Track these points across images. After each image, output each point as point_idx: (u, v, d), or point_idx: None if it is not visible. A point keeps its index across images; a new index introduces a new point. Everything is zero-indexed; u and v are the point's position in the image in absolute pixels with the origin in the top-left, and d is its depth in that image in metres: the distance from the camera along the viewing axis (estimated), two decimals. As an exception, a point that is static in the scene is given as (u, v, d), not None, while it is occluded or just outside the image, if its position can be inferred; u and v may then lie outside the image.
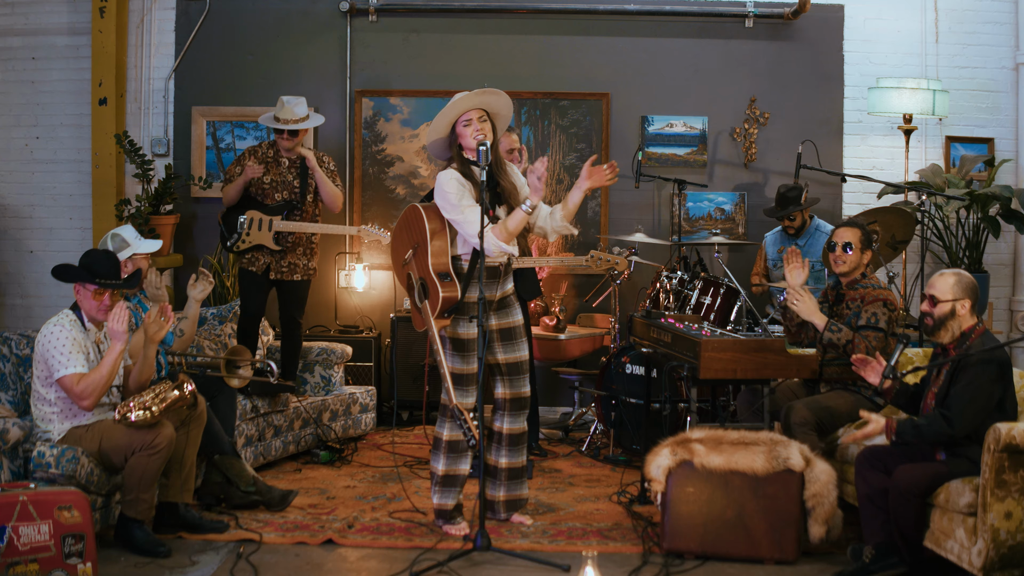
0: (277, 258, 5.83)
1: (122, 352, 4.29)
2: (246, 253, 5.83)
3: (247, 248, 5.81)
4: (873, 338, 4.70)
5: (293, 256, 5.86)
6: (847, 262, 4.90)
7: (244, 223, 5.80)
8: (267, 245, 5.78)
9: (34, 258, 7.27)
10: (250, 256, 5.84)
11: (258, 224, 5.78)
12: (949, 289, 4.07)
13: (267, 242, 5.77)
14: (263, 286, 5.88)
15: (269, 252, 5.81)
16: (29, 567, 3.74)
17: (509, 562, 4.17)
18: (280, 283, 5.88)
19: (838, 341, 4.71)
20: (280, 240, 5.79)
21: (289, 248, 5.84)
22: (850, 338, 4.69)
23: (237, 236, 5.81)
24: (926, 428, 3.93)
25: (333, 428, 6.03)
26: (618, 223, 7.07)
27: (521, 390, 4.65)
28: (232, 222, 5.84)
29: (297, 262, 5.88)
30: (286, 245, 5.82)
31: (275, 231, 5.76)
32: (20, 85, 7.22)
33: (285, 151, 5.83)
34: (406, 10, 7.14)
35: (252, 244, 5.79)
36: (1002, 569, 3.66)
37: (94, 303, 4.32)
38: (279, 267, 5.84)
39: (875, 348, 4.66)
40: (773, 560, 4.19)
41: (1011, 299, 7.22)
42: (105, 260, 4.38)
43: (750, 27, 7.10)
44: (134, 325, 4.83)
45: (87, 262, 4.35)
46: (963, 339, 4.07)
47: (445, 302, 4.38)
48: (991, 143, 7.10)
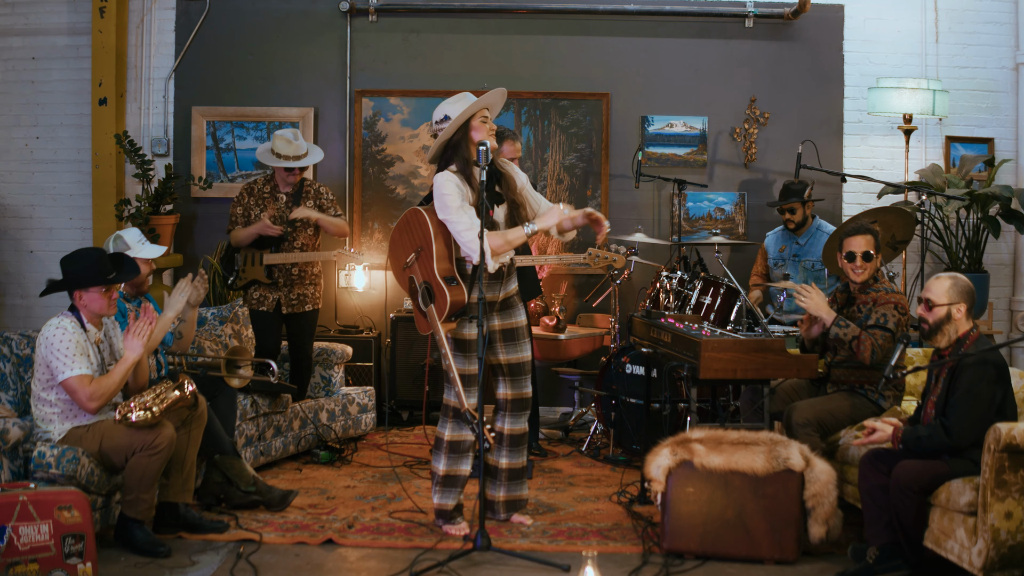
0: (285, 292, 5.86)
1: (135, 362, 4.31)
2: (252, 292, 5.88)
3: (245, 284, 5.87)
4: (880, 337, 4.68)
5: (301, 287, 5.90)
6: (867, 270, 4.83)
7: (239, 259, 5.87)
8: (260, 279, 5.82)
9: (34, 258, 7.27)
10: (259, 296, 5.87)
11: (250, 259, 5.84)
12: (944, 293, 4.06)
13: (259, 276, 5.82)
14: (275, 324, 5.92)
15: (275, 287, 5.84)
16: (29, 567, 3.74)
17: (509, 562, 4.17)
18: (291, 317, 5.93)
19: (844, 337, 4.69)
20: (272, 274, 5.82)
21: (296, 280, 5.88)
22: (856, 335, 4.67)
23: (235, 273, 5.89)
24: (927, 440, 3.93)
25: (333, 428, 6.03)
26: (618, 223, 7.06)
27: (523, 391, 4.65)
28: (230, 262, 5.93)
29: (306, 292, 5.92)
30: (291, 278, 5.86)
31: (265, 264, 5.80)
32: (20, 85, 7.22)
33: (284, 185, 5.85)
34: (406, 10, 7.14)
35: (247, 280, 5.85)
36: (1002, 569, 3.66)
37: (103, 301, 4.33)
38: (289, 300, 5.88)
39: (881, 347, 4.65)
40: (773, 560, 4.19)
41: (1011, 299, 7.22)
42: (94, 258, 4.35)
43: (750, 27, 7.10)
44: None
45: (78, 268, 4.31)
46: (958, 345, 4.06)
47: (453, 306, 4.37)
48: (991, 143, 7.11)
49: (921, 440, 3.94)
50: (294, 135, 5.80)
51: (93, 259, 4.35)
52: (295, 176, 5.82)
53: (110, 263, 4.37)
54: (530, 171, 7.05)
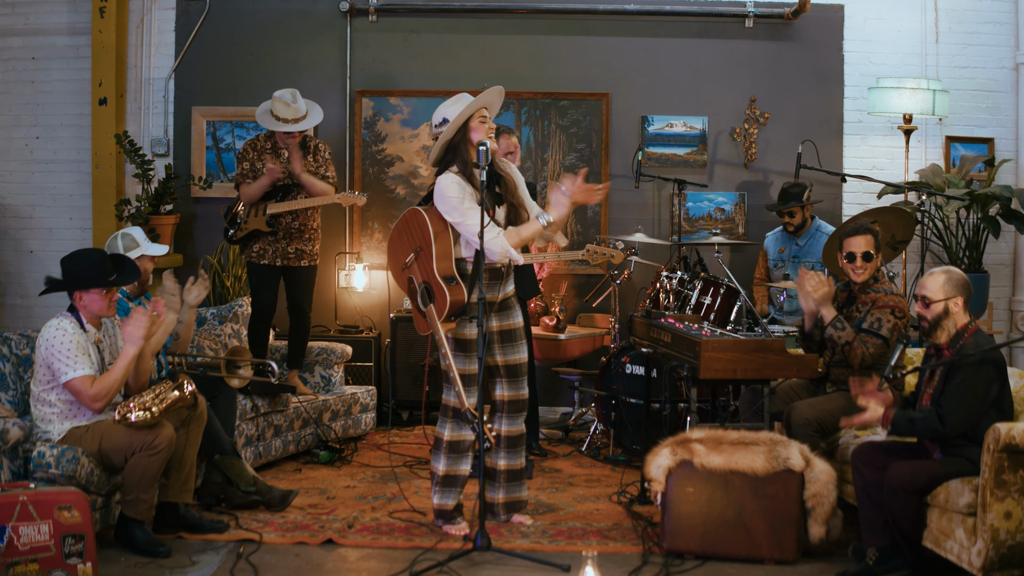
0: (283, 245, 5.85)
1: (135, 356, 4.31)
2: (252, 245, 5.86)
3: (244, 236, 5.84)
4: (871, 344, 4.68)
5: (299, 242, 5.89)
6: (867, 270, 4.83)
7: (241, 211, 5.83)
8: (261, 229, 5.80)
9: (34, 258, 7.27)
10: (258, 249, 5.86)
11: (253, 211, 5.81)
12: (940, 288, 4.05)
13: (260, 226, 5.79)
14: (273, 279, 5.91)
15: (274, 240, 5.82)
16: (29, 567, 3.74)
17: (509, 562, 4.17)
18: (288, 271, 5.91)
19: (838, 339, 4.70)
20: (274, 223, 5.80)
21: (294, 233, 5.86)
22: (849, 340, 4.68)
23: (236, 227, 5.86)
24: (920, 422, 3.93)
25: (333, 428, 6.03)
26: (618, 223, 7.07)
27: (520, 392, 4.65)
28: (235, 216, 5.89)
29: (303, 248, 5.91)
30: (289, 231, 5.84)
31: (268, 214, 5.77)
32: (20, 85, 7.22)
33: (285, 145, 5.84)
34: (406, 10, 7.14)
35: (248, 231, 5.82)
36: (1002, 569, 3.66)
37: (103, 303, 4.33)
38: (286, 254, 5.87)
39: (871, 355, 4.64)
40: (773, 560, 4.19)
41: (1011, 299, 7.22)
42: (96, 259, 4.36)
43: (750, 27, 7.10)
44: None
45: (79, 268, 4.32)
46: (956, 338, 4.06)
47: (453, 306, 4.37)
48: (991, 143, 7.10)
49: (914, 423, 3.93)
50: (293, 96, 5.77)
51: (94, 260, 4.34)
52: (294, 138, 5.81)
53: (111, 265, 4.37)
54: (530, 171, 7.05)
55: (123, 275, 4.41)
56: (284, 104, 5.74)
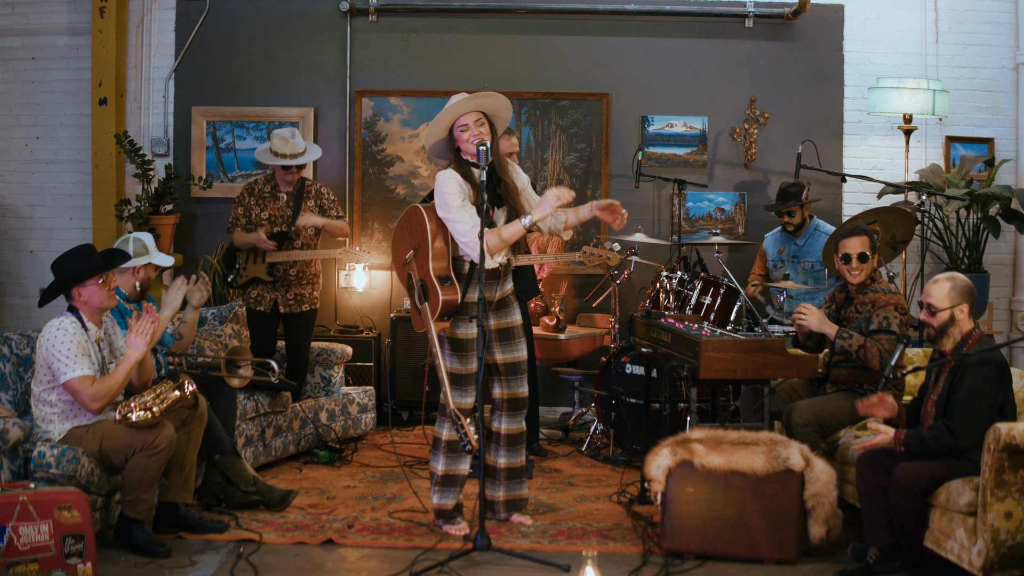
0: (283, 292, 5.87)
1: (138, 361, 4.31)
2: (250, 291, 5.90)
3: (245, 283, 5.88)
4: (886, 341, 4.68)
5: (298, 287, 5.91)
6: (863, 271, 4.85)
7: (240, 258, 5.87)
8: (261, 278, 5.83)
9: (34, 258, 7.27)
10: (256, 295, 5.89)
11: (252, 258, 5.85)
12: (946, 296, 4.05)
13: (261, 274, 5.83)
14: (272, 324, 5.93)
15: (272, 287, 5.85)
16: (29, 567, 3.74)
17: (509, 562, 4.17)
18: (288, 316, 5.94)
19: (850, 348, 4.70)
20: (274, 272, 5.83)
21: (293, 280, 5.89)
22: (861, 343, 4.68)
23: (236, 272, 5.89)
24: (931, 441, 3.91)
25: (333, 428, 6.03)
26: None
27: (518, 390, 4.65)
28: (231, 260, 5.93)
29: (303, 292, 5.93)
30: (288, 278, 5.87)
31: (268, 263, 5.81)
32: (20, 85, 7.22)
33: (285, 184, 5.85)
34: (406, 10, 7.14)
35: (248, 278, 5.86)
36: (1002, 569, 3.66)
37: (103, 293, 4.33)
38: (286, 300, 5.89)
39: (888, 351, 4.65)
40: (773, 560, 4.19)
41: (1011, 299, 7.22)
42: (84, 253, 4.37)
43: (750, 27, 7.10)
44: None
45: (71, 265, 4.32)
46: (961, 345, 4.06)
47: (445, 305, 4.38)
48: (991, 143, 7.11)
49: (925, 442, 3.93)
50: (291, 134, 5.81)
51: (83, 254, 4.37)
52: (293, 175, 5.83)
53: (99, 255, 4.40)
54: (530, 171, 7.05)
55: (113, 259, 4.44)
56: (283, 140, 5.77)
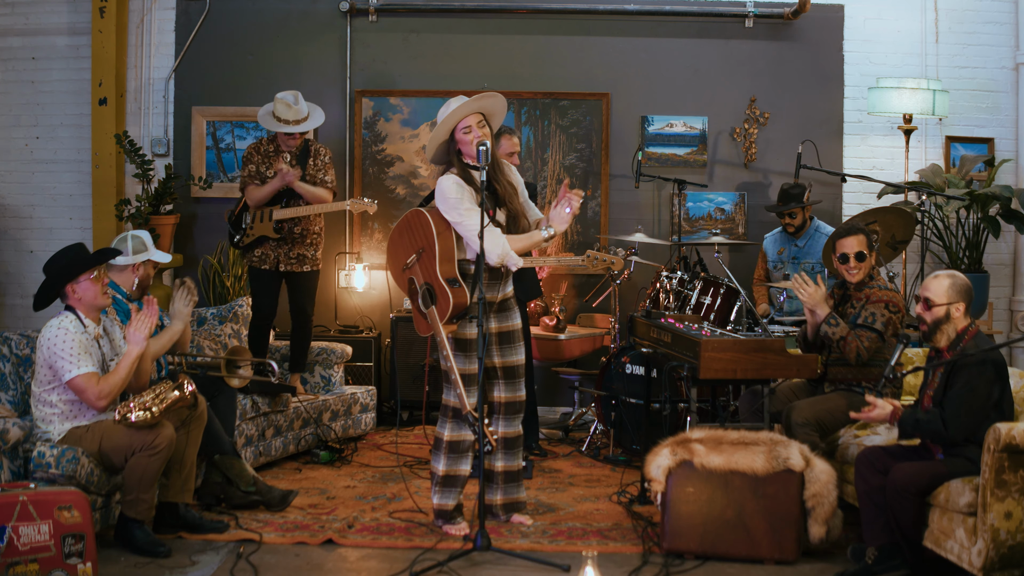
0: (286, 250, 5.85)
1: (139, 356, 4.32)
2: (254, 250, 5.86)
3: (251, 242, 5.84)
4: (866, 338, 4.69)
5: (301, 247, 5.89)
6: (862, 269, 4.86)
7: (247, 217, 5.82)
8: (268, 235, 5.80)
9: (34, 258, 7.26)
10: (260, 254, 5.86)
11: (259, 216, 5.81)
12: (944, 292, 4.06)
13: (268, 232, 5.79)
14: (274, 283, 5.90)
15: (276, 245, 5.83)
16: (29, 567, 3.74)
17: (509, 562, 4.17)
18: (290, 275, 5.92)
19: (832, 335, 4.72)
20: (282, 229, 5.80)
21: (297, 239, 5.86)
22: (843, 335, 4.70)
23: (243, 231, 5.85)
24: (925, 424, 3.94)
25: (333, 428, 6.03)
26: (618, 223, 7.07)
27: (516, 394, 4.65)
28: (239, 221, 5.88)
29: (305, 253, 5.91)
30: (292, 236, 5.84)
31: (275, 220, 5.78)
32: (20, 85, 7.22)
33: (287, 146, 5.84)
34: (406, 10, 7.14)
35: (255, 236, 5.82)
36: (1002, 569, 3.66)
37: (96, 288, 4.33)
38: (288, 259, 5.87)
39: (867, 348, 4.66)
40: (773, 560, 4.19)
41: (1011, 299, 7.22)
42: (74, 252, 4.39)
43: (750, 27, 7.10)
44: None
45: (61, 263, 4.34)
46: (957, 341, 4.06)
47: (456, 308, 4.36)
48: (991, 143, 7.11)
49: (919, 423, 3.94)
50: (295, 98, 5.78)
51: (74, 252, 4.39)
52: (295, 139, 5.81)
53: (89, 252, 4.41)
54: (530, 171, 7.05)
55: (103, 253, 4.47)
56: (286, 105, 5.74)
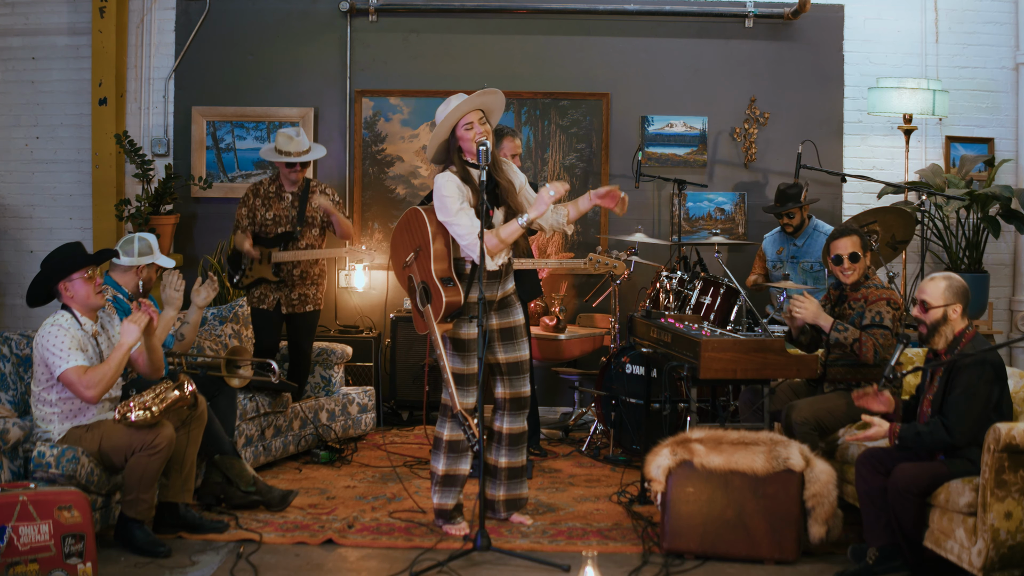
0: (287, 292, 5.86)
1: (131, 348, 4.30)
2: (253, 290, 5.89)
3: (250, 283, 5.86)
4: (880, 335, 4.69)
5: (302, 287, 5.90)
6: (856, 270, 4.86)
7: (246, 259, 5.84)
8: (267, 278, 5.82)
9: (34, 258, 7.26)
10: (259, 294, 5.88)
11: (258, 258, 5.82)
12: (940, 295, 4.06)
13: (267, 275, 5.82)
14: (276, 323, 5.92)
15: (276, 287, 5.84)
16: (29, 567, 3.74)
17: (509, 562, 4.17)
18: (292, 317, 5.93)
19: (844, 340, 4.71)
20: (280, 272, 5.82)
21: (297, 280, 5.87)
22: (856, 336, 4.69)
23: (241, 272, 5.87)
24: (927, 436, 3.92)
25: (333, 428, 6.03)
26: (618, 223, 7.07)
27: (521, 390, 4.65)
28: (237, 260, 5.90)
29: (307, 293, 5.91)
30: (292, 278, 5.85)
31: (274, 262, 5.80)
32: (20, 85, 7.22)
33: (290, 184, 5.84)
34: (406, 10, 7.14)
35: (254, 279, 5.85)
36: (1002, 569, 3.66)
37: (89, 287, 4.33)
38: (290, 300, 5.88)
39: (883, 346, 4.66)
40: (773, 560, 4.19)
41: (1011, 299, 7.22)
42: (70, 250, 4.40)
43: (750, 27, 7.10)
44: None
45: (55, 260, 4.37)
46: (954, 343, 4.06)
47: (448, 307, 4.37)
48: (991, 143, 7.11)
49: (921, 436, 3.93)
50: (296, 132, 5.80)
51: (70, 250, 4.40)
52: (298, 174, 5.82)
53: (86, 251, 4.42)
54: (530, 171, 7.05)
55: (100, 253, 4.49)
56: (287, 138, 5.77)
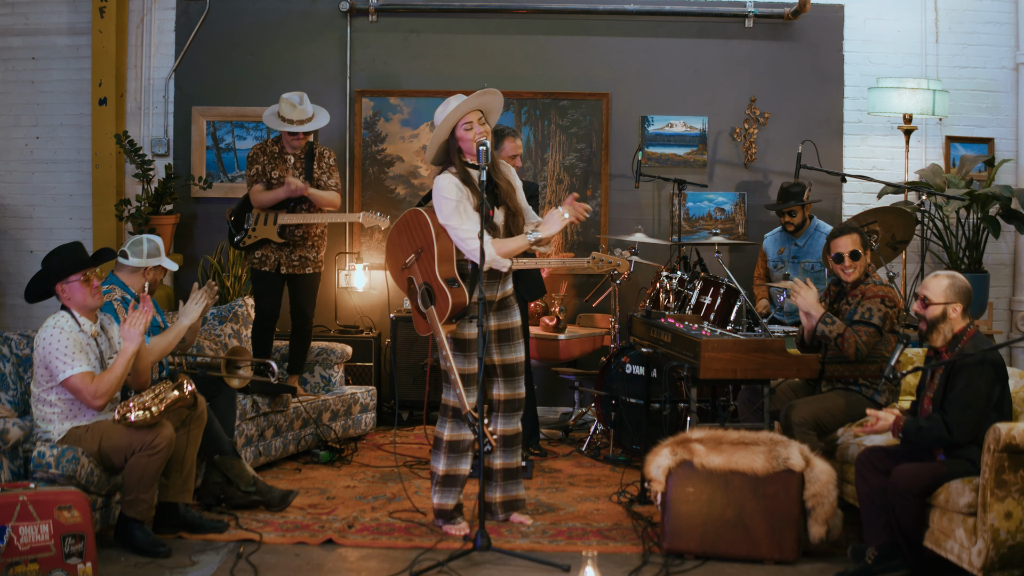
0: (287, 252, 5.84)
1: (134, 353, 4.31)
2: (254, 251, 5.84)
3: (253, 244, 5.82)
4: (864, 333, 4.69)
5: (303, 249, 5.87)
6: (857, 268, 4.86)
7: (250, 219, 5.81)
8: (272, 239, 5.78)
9: (34, 258, 7.26)
10: (260, 255, 5.84)
11: (263, 219, 5.79)
12: (942, 292, 4.06)
13: (272, 236, 5.78)
14: (276, 285, 5.89)
15: (277, 248, 5.81)
16: (29, 567, 3.74)
17: (509, 562, 4.17)
18: (292, 278, 5.90)
19: (829, 334, 4.72)
20: (285, 233, 5.79)
21: (298, 241, 5.84)
22: (841, 332, 4.69)
23: (244, 232, 5.83)
24: (927, 431, 3.94)
25: (333, 428, 6.03)
26: (618, 223, 7.07)
27: (516, 391, 4.65)
28: (241, 220, 5.86)
29: (307, 255, 5.89)
30: (293, 239, 5.82)
31: (280, 224, 5.77)
32: (20, 85, 7.22)
33: (291, 148, 5.82)
34: (406, 10, 7.14)
35: (257, 239, 5.80)
36: (1002, 569, 3.66)
37: (86, 290, 4.33)
38: (290, 261, 5.85)
39: (865, 343, 4.66)
40: (773, 560, 4.19)
41: (1011, 299, 7.22)
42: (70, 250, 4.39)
43: (750, 27, 7.10)
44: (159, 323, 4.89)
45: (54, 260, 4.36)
46: (955, 341, 4.06)
47: (455, 308, 4.36)
48: (991, 143, 7.11)
49: (922, 430, 3.94)
50: (300, 98, 5.75)
51: (70, 250, 4.39)
52: (300, 140, 5.79)
53: (86, 253, 4.41)
54: (530, 171, 7.05)
55: (96, 258, 4.47)
56: (291, 105, 5.74)
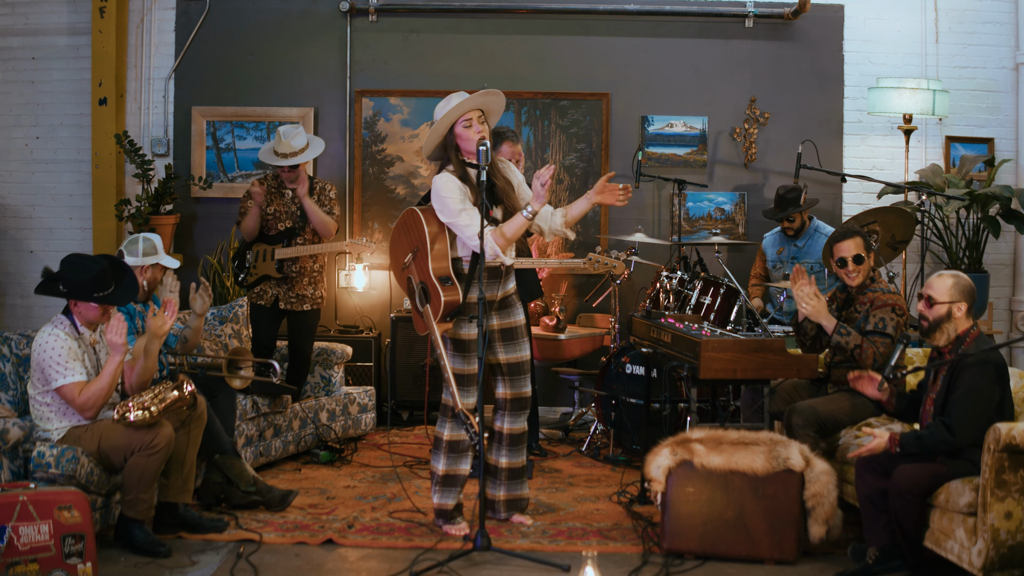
0: (285, 288, 5.86)
1: (121, 363, 4.29)
2: (254, 287, 5.88)
3: (255, 281, 5.87)
4: (881, 343, 4.68)
5: (300, 286, 5.89)
6: (861, 272, 4.83)
7: (250, 256, 5.85)
8: (271, 275, 5.82)
9: (34, 258, 7.26)
10: (258, 290, 5.88)
11: (262, 255, 5.84)
12: (947, 291, 4.05)
13: (270, 271, 5.81)
14: (274, 318, 5.92)
15: (276, 283, 5.84)
16: (29, 567, 3.74)
17: (509, 562, 4.17)
18: (290, 314, 5.93)
19: (846, 345, 4.69)
20: (283, 268, 5.82)
21: (295, 278, 5.86)
22: (858, 343, 4.67)
23: (246, 271, 5.88)
24: (928, 438, 3.92)
25: (333, 428, 6.03)
26: (618, 223, 7.07)
27: (522, 390, 4.65)
28: (242, 259, 5.92)
29: (304, 292, 5.90)
30: (291, 274, 5.85)
31: (277, 259, 5.80)
32: (20, 85, 7.22)
33: (289, 183, 5.82)
34: (406, 10, 7.14)
35: (258, 276, 5.85)
36: (1002, 569, 3.66)
37: (97, 312, 4.30)
38: (288, 298, 5.87)
39: (884, 354, 4.64)
40: (773, 560, 4.19)
41: (1011, 299, 7.22)
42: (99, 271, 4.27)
43: (750, 27, 7.10)
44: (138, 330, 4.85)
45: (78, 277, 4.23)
46: (958, 343, 4.06)
47: (447, 306, 4.37)
48: (991, 143, 7.11)
49: (922, 439, 3.93)
50: (294, 131, 5.73)
51: (95, 272, 4.26)
52: (292, 173, 5.81)
53: (111, 277, 4.31)
54: (530, 171, 7.04)
55: (120, 290, 4.34)
56: (279, 139, 5.75)
